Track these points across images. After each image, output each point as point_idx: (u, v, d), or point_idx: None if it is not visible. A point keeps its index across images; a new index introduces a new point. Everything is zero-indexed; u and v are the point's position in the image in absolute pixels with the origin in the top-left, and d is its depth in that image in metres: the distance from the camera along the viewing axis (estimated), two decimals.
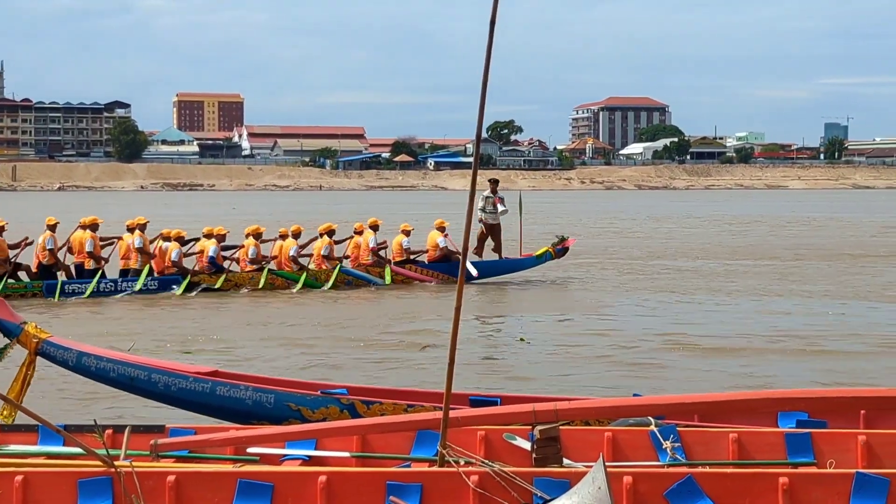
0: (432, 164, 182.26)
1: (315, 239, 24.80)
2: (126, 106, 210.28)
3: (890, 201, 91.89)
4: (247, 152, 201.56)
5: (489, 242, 26.87)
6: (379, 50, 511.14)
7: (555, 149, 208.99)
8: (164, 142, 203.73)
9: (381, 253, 24.92)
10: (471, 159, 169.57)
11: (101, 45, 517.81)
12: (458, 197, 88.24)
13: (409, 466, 7.08)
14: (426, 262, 25.22)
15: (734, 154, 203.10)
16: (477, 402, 8.68)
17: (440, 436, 6.47)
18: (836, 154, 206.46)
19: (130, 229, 23.64)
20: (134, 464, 6.48)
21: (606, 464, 5.92)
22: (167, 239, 23.62)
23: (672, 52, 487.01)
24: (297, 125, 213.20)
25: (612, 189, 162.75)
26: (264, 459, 7.33)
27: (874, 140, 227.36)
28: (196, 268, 23.59)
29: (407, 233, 25.30)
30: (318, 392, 9.09)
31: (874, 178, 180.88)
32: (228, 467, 6.94)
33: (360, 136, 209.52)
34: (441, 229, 25.43)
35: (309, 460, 7.34)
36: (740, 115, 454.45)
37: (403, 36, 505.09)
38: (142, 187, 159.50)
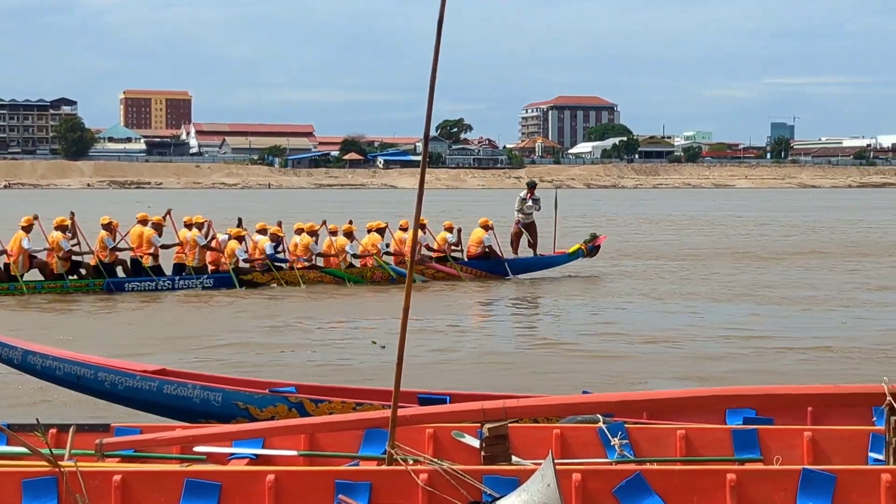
0: (382, 162, 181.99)
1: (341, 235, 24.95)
2: (73, 103, 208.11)
3: (835, 200, 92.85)
4: (195, 150, 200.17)
5: (523, 240, 27.77)
6: (330, 48, 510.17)
7: (504, 147, 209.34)
8: (111, 139, 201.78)
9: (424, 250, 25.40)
10: (420, 157, 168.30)
11: (48, 42, 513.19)
12: (408, 195, 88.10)
13: (357, 465, 7.05)
14: (466, 259, 25.76)
15: (682, 153, 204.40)
16: (426, 400, 8.67)
17: (389, 435, 6.44)
18: (783, 153, 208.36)
19: (188, 226, 23.88)
20: (79, 463, 6.39)
21: (555, 461, 5.92)
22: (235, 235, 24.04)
23: (621, 51, 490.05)
24: (246, 123, 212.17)
25: (561, 188, 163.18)
26: (211, 458, 7.27)
27: (820, 140, 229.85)
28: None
29: (450, 229, 25.86)
30: (267, 390, 9.04)
31: (820, 177, 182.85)
32: (175, 467, 6.88)
33: (310, 134, 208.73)
34: (486, 227, 26.01)
35: (256, 459, 7.29)
36: (688, 114, 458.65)
37: (354, 34, 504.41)
38: (88, 185, 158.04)
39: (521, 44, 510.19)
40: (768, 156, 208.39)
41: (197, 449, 7.27)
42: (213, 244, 23.75)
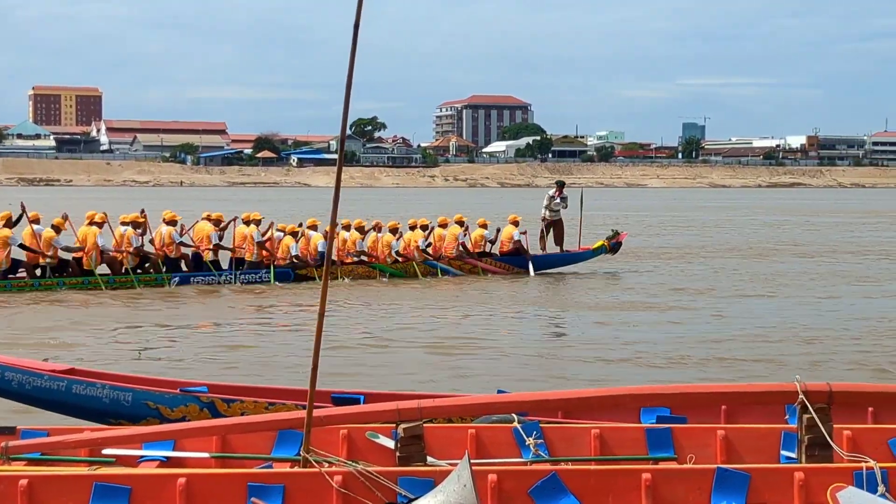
0: (295, 160, 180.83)
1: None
2: None
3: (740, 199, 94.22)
4: (105, 147, 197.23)
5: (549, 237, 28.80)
6: (244, 45, 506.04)
7: (418, 146, 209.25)
8: (19, 136, 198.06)
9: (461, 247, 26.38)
10: (334, 156, 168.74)
11: None
12: (323, 194, 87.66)
13: (270, 467, 6.96)
14: (499, 255, 26.68)
15: (595, 153, 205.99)
16: (339, 399, 8.59)
17: (303, 437, 6.36)
18: (694, 153, 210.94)
19: (247, 222, 24.62)
20: None
21: (471, 461, 5.89)
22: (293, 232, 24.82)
23: (535, 51, 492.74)
24: (158, 120, 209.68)
25: (475, 187, 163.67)
26: (121, 461, 7.13)
27: (730, 140, 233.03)
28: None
29: (484, 226, 26.90)
30: (178, 390, 8.90)
31: (730, 177, 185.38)
32: (83, 470, 6.75)
33: (222, 132, 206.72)
34: (515, 223, 27.13)
35: (167, 461, 7.17)
36: (601, 114, 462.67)
37: (268, 31, 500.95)
38: None
39: (435, 43, 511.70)
40: (680, 156, 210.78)
41: (106, 451, 7.13)
42: (268, 241, 24.60)
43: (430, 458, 6.75)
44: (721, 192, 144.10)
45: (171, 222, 23.84)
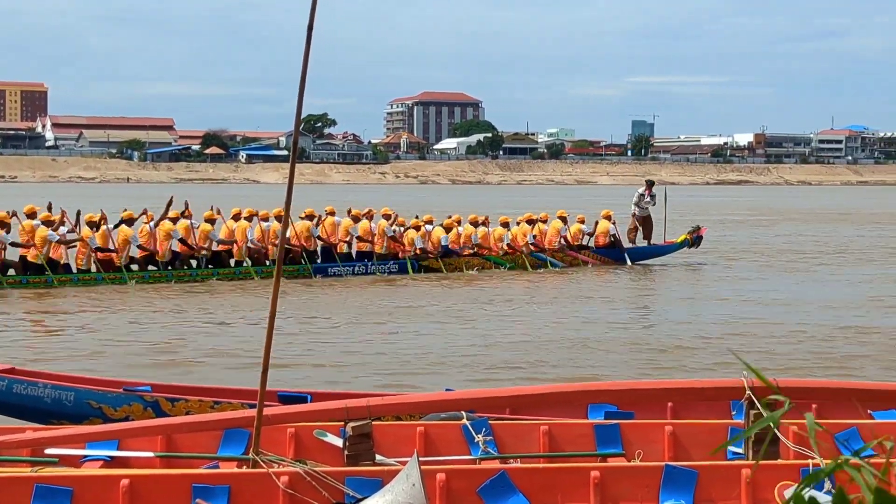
0: (244, 156, 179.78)
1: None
2: None
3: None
4: (51, 143, 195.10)
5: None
6: (192, 41, 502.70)
7: (369, 143, 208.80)
8: None
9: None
10: (284, 152, 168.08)
11: None
12: (271, 190, 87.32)
13: (216, 466, 6.89)
14: (595, 248, 28.22)
15: (545, 150, 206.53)
16: (286, 398, 8.52)
17: (251, 437, 6.30)
18: (643, 151, 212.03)
19: (386, 216, 26.41)
20: None
21: (420, 459, 5.85)
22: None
23: (486, 49, 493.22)
24: (104, 116, 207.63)
25: (426, 183, 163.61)
26: (63, 461, 7.02)
27: (679, 137, 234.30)
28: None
29: (583, 221, 28.44)
30: (121, 389, 8.78)
31: (679, 174, 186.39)
32: (25, 470, 6.64)
33: (170, 128, 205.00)
34: (608, 218, 28.58)
35: (111, 461, 7.06)
36: (552, 112, 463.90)
37: (218, 27, 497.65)
38: None
39: (387, 39, 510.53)
40: (629, 153, 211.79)
41: (48, 451, 7.02)
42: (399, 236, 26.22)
43: (379, 456, 6.70)
44: (670, 188, 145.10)
45: (309, 217, 25.49)
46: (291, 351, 14.98)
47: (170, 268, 23.68)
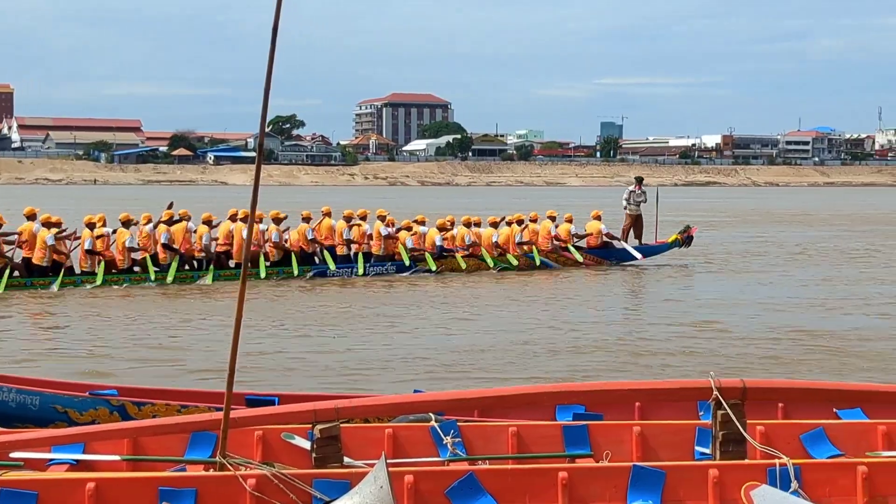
0: (212, 158, 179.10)
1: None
2: None
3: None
4: (17, 145, 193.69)
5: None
6: (159, 41, 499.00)
7: (338, 144, 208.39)
8: None
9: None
10: (252, 154, 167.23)
11: None
12: (239, 192, 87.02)
13: (184, 470, 6.85)
14: (587, 248, 28.46)
15: (515, 152, 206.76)
16: (253, 401, 8.49)
17: (218, 440, 6.27)
18: (612, 152, 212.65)
19: (381, 218, 26.73)
20: None
21: (388, 461, 5.84)
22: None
23: (455, 50, 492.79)
24: (71, 117, 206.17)
25: (395, 185, 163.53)
26: (29, 465, 6.96)
27: (647, 139, 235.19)
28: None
29: (571, 220, 28.69)
30: (87, 393, 8.72)
31: (647, 175, 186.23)
32: None
33: (137, 129, 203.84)
34: (598, 218, 28.98)
35: (77, 465, 7.02)
36: (521, 113, 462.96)
37: (184, 27, 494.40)
38: None
39: (355, 40, 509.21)
40: (598, 154, 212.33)
41: (13, 455, 6.95)
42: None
43: (347, 459, 6.69)
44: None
45: (306, 219, 25.97)
46: (262, 353, 14.95)
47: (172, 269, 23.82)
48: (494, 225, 28.02)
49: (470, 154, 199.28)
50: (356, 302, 21.39)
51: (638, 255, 28.66)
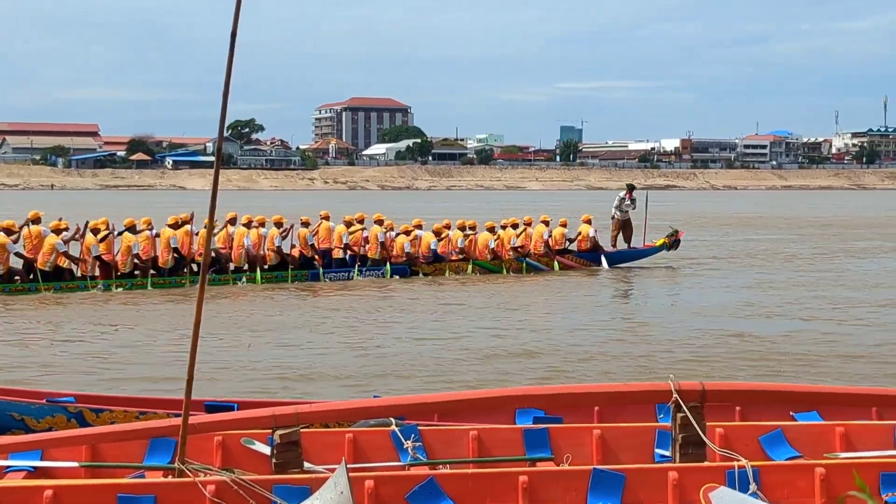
0: (170, 162, 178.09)
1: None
2: None
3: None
4: None
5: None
6: (117, 45, 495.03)
7: (297, 148, 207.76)
8: None
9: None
10: (211, 158, 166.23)
11: None
12: (198, 196, 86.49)
13: (142, 476, 6.81)
14: (578, 252, 29.01)
15: (475, 156, 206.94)
16: (213, 407, 8.44)
17: (177, 446, 6.23)
18: (572, 156, 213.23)
19: (378, 222, 27.00)
20: None
21: (348, 466, 5.83)
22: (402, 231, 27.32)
23: (415, 54, 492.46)
24: (27, 122, 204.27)
25: (355, 189, 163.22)
26: None
27: (607, 143, 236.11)
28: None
29: (565, 225, 29.29)
30: (44, 400, 8.64)
31: (607, 179, 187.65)
32: None
33: (95, 134, 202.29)
34: (588, 222, 29.42)
35: (35, 472, 6.95)
36: (481, 117, 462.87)
37: (142, 31, 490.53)
38: None
39: (314, 44, 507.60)
40: (558, 158, 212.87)
41: None
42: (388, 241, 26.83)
43: (307, 464, 6.67)
44: (598, 193, 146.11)
45: (305, 224, 26.29)
46: (225, 359, 14.89)
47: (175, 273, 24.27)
48: (491, 230, 28.37)
49: (430, 158, 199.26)
50: (335, 307, 21.39)
51: (605, 264, 28.82)
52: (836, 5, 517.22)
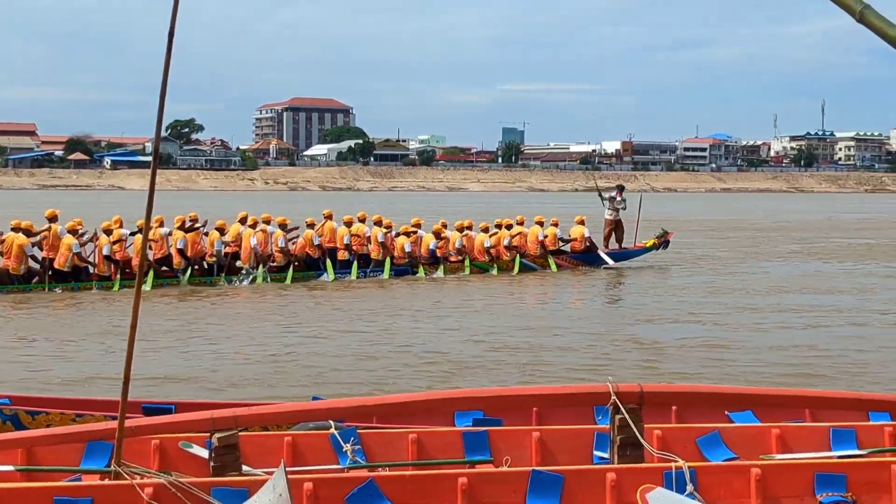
0: (109, 162, 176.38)
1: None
2: None
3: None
4: None
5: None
6: (55, 45, 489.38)
7: (238, 149, 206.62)
8: None
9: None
10: (150, 158, 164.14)
11: None
12: (136, 197, 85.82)
13: (79, 479, 6.74)
14: (571, 252, 29.57)
15: (417, 157, 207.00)
16: (151, 409, 8.38)
17: (114, 448, 6.17)
18: (513, 158, 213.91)
19: (377, 223, 27.46)
20: None
21: (287, 469, 5.82)
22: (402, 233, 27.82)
23: (357, 54, 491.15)
24: None
25: (296, 190, 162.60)
26: None
27: (549, 145, 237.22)
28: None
29: (557, 225, 29.69)
30: None
31: (548, 181, 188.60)
32: None
33: (32, 133, 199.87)
34: (582, 223, 30.07)
35: None
36: (423, 118, 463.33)
37: (82, 30, 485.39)
38: None
39: (255, 44, 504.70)
40: (500, 160, 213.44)
41: None
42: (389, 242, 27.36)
43: (245, 467, 6.63)
44: (539, 195, 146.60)
45: (311, 226, 26.86)
46: (175, 362, 14.79)
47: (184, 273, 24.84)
48: (486, 231, 28.87)
49: (372, 159, 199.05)
50: (275, 308, 21.33)
51: (610, 262, 29.57)
52: (775, 10, 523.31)
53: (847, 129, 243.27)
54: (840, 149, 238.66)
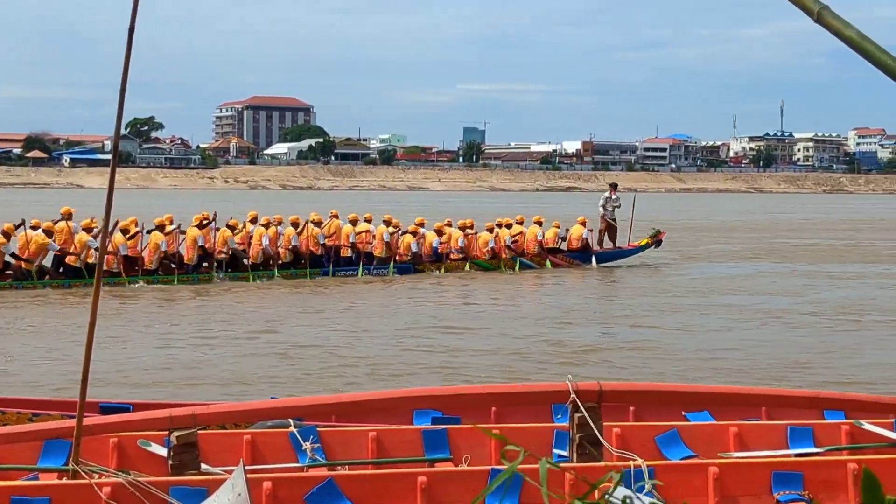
0: (67, 160, 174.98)
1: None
2: None
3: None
4: None
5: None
6: (12, 42, 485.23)
7: (198, 147, 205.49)
8: None
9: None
10: (108, 156, 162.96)
11: None
12: (95, 195, 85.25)
13: (36, 478, 6.70)
14: (567, 251, 30.10)
15: (377, 156, 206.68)
16: (108, 409, 8.33)
17: (72, 447, 6.14)
18: (474, 157, 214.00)
19: (386, 222, 27.88)
20: None
21: (246, 468, 5.80)
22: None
23: (318, 53, 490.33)
24: None
25: (256, 189, 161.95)
26: None
27: (509, 144, 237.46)
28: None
29: (558, 226, 30.21)
30: None
31: (509, 181, 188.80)
32: None
33: None
34: (583, 224, 30.55)
35: None
36: (384, 118, 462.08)
37: (40, 28, 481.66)
38: None
39: (215, 42, 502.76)
40: (461, 160, 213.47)
41: None
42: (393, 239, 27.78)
43: (204, 466, 6.61)
44: (500, 195, 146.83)
45: (317, 224, 27.07)
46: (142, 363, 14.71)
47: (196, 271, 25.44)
48: (490, 230, 29.25)
49: (332, 158, 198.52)
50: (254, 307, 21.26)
51: (594, 263, 29.92)
52: (734, 12, 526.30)
53: (806, 130, 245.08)
54: (799, 150, 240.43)
